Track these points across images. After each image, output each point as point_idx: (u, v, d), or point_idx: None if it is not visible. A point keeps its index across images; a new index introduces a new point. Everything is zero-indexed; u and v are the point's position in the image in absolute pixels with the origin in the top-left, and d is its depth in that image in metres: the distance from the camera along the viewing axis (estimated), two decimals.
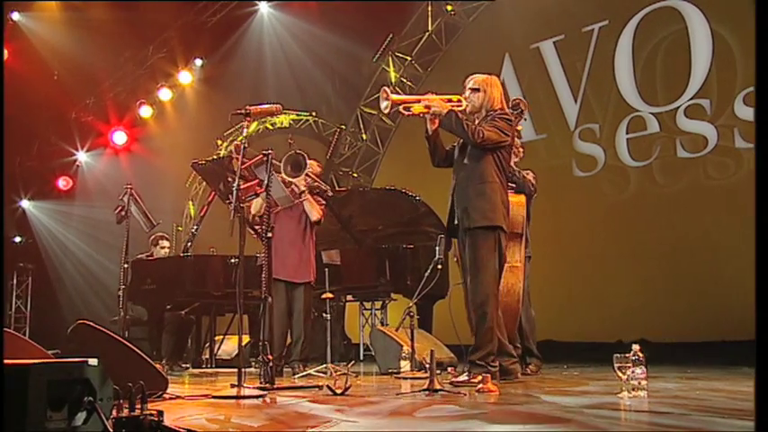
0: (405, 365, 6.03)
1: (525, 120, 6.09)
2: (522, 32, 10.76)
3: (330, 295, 6.53)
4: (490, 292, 4.63)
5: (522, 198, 5.76)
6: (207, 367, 7.86)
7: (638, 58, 9.51)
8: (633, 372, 3.50)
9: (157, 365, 4.12)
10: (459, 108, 4.74)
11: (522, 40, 10.82)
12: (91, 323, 4.15)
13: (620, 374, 3.53)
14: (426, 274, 5.34)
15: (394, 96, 4.68)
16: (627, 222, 9.45)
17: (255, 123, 12.64)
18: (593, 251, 9.53)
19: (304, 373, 5.95)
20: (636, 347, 3.55)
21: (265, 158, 4.68)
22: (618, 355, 3.55)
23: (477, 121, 4.83)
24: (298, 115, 12.49)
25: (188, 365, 7.84)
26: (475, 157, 4.71)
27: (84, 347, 3.96)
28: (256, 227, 6.38)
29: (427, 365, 5.93)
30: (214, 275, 7.18)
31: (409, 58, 12.33)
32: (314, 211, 6.18)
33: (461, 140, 4.82)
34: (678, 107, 9.00)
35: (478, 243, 4.65)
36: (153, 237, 7.89)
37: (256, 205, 6.20)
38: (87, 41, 10.66)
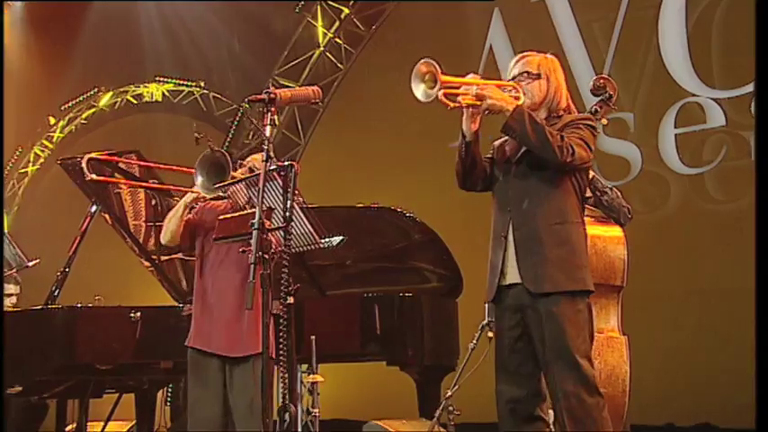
0: None
1: (615, 109, 5.32)
2: None
3: (320, 378, 5.71)
4: (592, 383, 3.91)
5: (619, 231, 5.13)
6: None
7: (694, 18, 8.78)
8: None
9: None
10: (518, 103, 4.02)
11: None
12: None
13: None
14: (472, 346, 5.38)
15: (444, 77, 3.76)
16: (671, 250, 8.71)
17: (110, 94, 11.81)
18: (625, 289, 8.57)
19: None
20: None
21: (282, 173, 3.72)
22: None
23: None
24: (176, 85, 11.41)
25: None
26: (546, 180, 4.00)
27: None
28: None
29: None
30: (104, 339, 5.95)
31: (346, 11, 11.46)
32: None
33: (510, 150, 4.11)
34: (752, 91, 8.23)
35: (564, 316, 3.93)
36: None
37: (171, 231, 5.16)
38: None
